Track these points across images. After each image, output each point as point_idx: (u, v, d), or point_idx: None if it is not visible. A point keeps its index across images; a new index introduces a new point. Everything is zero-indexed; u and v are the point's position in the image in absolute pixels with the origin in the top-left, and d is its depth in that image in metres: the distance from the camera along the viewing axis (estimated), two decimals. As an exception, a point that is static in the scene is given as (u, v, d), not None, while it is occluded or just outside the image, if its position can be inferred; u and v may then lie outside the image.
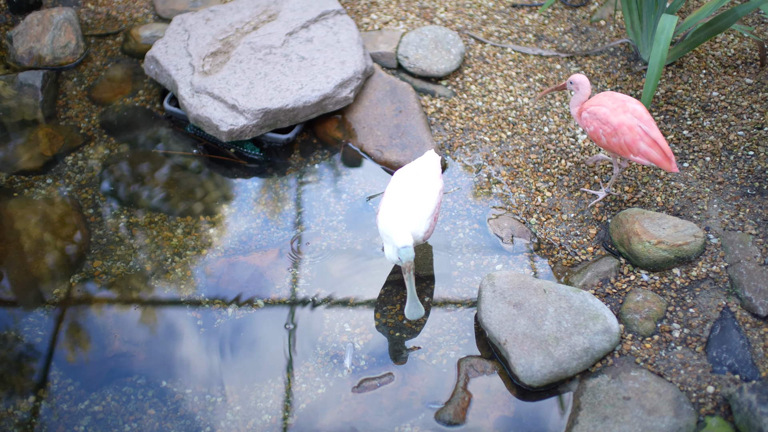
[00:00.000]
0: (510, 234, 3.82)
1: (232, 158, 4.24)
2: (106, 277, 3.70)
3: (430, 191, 3.38)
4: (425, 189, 3.38)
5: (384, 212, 3.32)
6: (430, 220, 3.36)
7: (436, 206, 3.40)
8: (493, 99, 4.41)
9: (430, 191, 3.38)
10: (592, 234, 3.78)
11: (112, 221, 3.93)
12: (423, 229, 3.35)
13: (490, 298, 3.39)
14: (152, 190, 4.08)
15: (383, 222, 3.29)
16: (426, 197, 3.36)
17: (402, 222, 3.27)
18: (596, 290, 3.55)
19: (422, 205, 3.35)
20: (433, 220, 3.39)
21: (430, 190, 3.39)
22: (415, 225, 3.31)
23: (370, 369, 3.37)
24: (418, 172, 3.44)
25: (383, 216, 3.31)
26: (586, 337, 3.24)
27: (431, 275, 3.68)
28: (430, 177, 3.43)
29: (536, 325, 3.28)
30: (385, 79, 4.42)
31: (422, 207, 3.35)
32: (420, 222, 3.33)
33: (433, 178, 3.43)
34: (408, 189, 3.38)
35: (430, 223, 3.36)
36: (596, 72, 4.53)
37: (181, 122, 4.40)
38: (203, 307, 3.58)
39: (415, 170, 3.46)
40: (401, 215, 3.28)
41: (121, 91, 4.57)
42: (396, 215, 3.28)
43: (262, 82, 4.19)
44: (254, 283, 3.66)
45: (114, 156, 4.24)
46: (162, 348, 3.45)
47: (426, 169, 3.46)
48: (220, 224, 3.91)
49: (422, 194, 3.36)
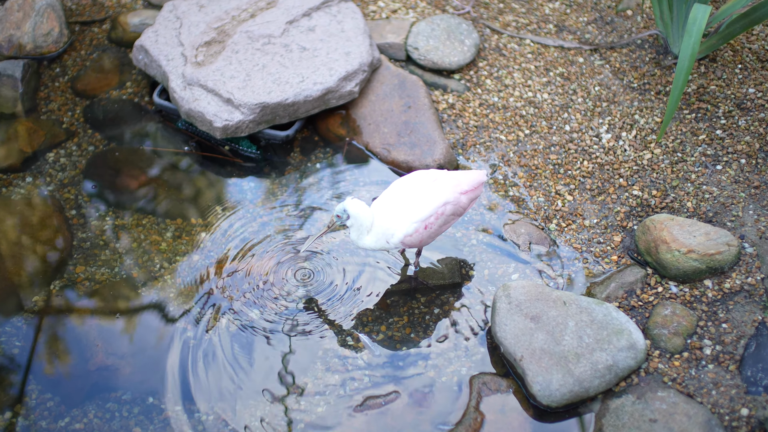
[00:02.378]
0: (527, 241, 3.81)
1: (227, 156, 4.24)
2: (89, 283, 3.70)
3: (434, 196, 3.35)
4: (429, 192, 3.35)
5: (377, 201, 3.37)
6: (417, 225, 3.33)
7: (434, 215, 3.35)
8: (509, 94, 4.41)
9: (433, 196, 3.35)
10: (616, 241, 3.78)
11: (96, 223, 3.94)
12: (404, 230, 3.32)
13: (505, 311, 3.38)
14: (140, 190, 4.08)
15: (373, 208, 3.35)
16: (425, 200, 3.34)
17: (382, 212, 3.29)
18: (621, 303, 3.54)
19: (414, 206, 3.33)
20: (423, 228, 3.35)
21: (434, 196, 3.35)
22: (394, 222, 3.30)
23: (374, 386, 3.37)
24: (438, 177, 3.41)
25: (375, 203, 3.37)
26: (610, 353, 3.24)
27: (441, 285, 3.68)
28: (444, 184, 3.38)
29: (555, 340, 3.27)
30: (393, 72, 4.42)
31: (413, 207, 3.33)
32: (402, 222, 3.31)
33: (447, 186, 3.38)
34: (411, 188, 3.38)
35: (416, 228, 3.33)
36: (622, 66, 4.52)
37: (172, 117, 4.40)
38: (194, 317, 3.58)
39: (437, 175, 3.43)
40: (387, 206, 3.30)
41: (108, 83, 4.58)
42: (382, 205, 3.31)
43: (260, 75, 4.20)
44: (250, 291, 3.67)
45: (99, 153, 4.24)
46: (149, 361, 3.45)
47: (449, 177, 3.42)
48: (214, 228, 3.91)
49: (422, 196, 3.34)
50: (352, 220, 3.34)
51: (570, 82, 4.46)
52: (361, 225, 3.35)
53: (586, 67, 4.54)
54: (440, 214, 3.37)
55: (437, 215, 3.36)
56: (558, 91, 4.42)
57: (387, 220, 3.34)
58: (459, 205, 3.42)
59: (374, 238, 3.40)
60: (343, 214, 3.35)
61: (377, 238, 3.39)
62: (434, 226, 3.38)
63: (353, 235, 3.41)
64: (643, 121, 4.24)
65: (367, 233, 3.38)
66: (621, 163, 4.06)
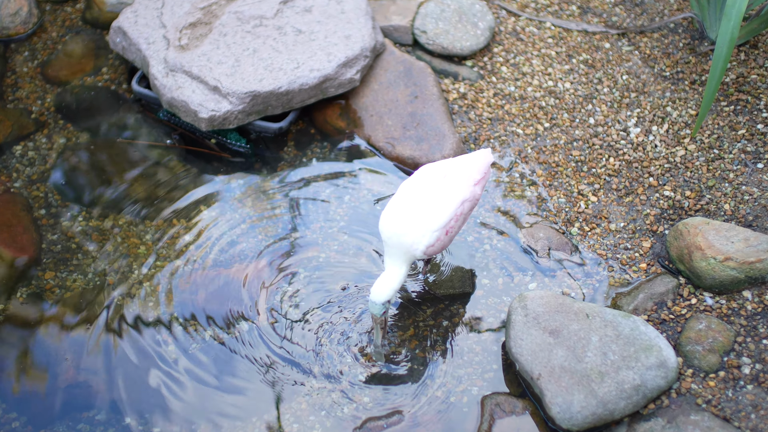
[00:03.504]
0: (546, 246, 3.81)
1: (213, 150, 4.25)
2: (59, 291, 3.71)
3: (450, 197, 3.32)
4: (443, 193, 3.32)
5: (387, 211, 3.32)
6: (438, 233, 3.30)
7: (453, 218, 3.33)
8: (528, 83, 4.41)
9: (449, 197, 3.32)
10: (645, 248, 3.78)
11: (68, 224, 3.94)
12: (425, 242, 3.29)
13: (522, 324, 3.38)
14: (117, 187, 4.09)
15: (382, 222, 3.32)
16: (441, 203, 3.31)
17: (397, 224, 3.28)
18: (650, 316, 3.54)
19: (432, 213, 3.30)
20: (444, 234, 3.32)
21: (450, 196, 3.32)
22: (413, 235, 3.26)
23: (375, 406, 3.37)
24: (447, 171, 3.38)
25: (384, 214, 3.33)
26: (637, 372, 3.23)
27: (450, 295, 3.68)
28: (457, 179, 3.36)
29: (577, 356, 3.27)
30: (398, 58, 4.43)
31: (431, 215, 3.30)
32: (422, 233, 3.27)
33: (461, 182, 3.36)
34: (421, 189, 3.34)
35: (437, 236, 3.31)
36: (653, 52, 4.52)
37: (153, 106, 4.41)
38: (176, 329, 3.59)
39: (445, 168, 3.40)
40: (401, 219, 3.26)
41: (81, 69, 4.59)
42: (397, 217, 3.27)
43: (251, 60, 4.20)
44: (238, 301, 3.67)
45: (72, 146, 4.25)
46: (126, 378, 3.45)
47: (459, 169, 3.39)
48: (198, 230, 3.92)
49: (436, 199, 3.31)
50: (392, 297, 3.33)
51: (595, 70, 4.46)
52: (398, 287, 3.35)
53: (612, 54, 4.54)
54: (459, 215, 3.36)
55: (456, 217, 3.35)
56: (581, 80, 4.42)
57: (405, 234, 3.29)
58: (475, 198, 3.43)
59: (403, 262, 3.33)
60: (385, 306, 3.33)
61: (404, 258, 3.32)
62: (455, 229, 3.38)
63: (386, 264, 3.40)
64: (676, 113, 4.23)
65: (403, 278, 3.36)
66: (651, 160, 4.06)
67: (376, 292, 3.31)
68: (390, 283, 3.32)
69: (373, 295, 3.31)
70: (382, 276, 3.34)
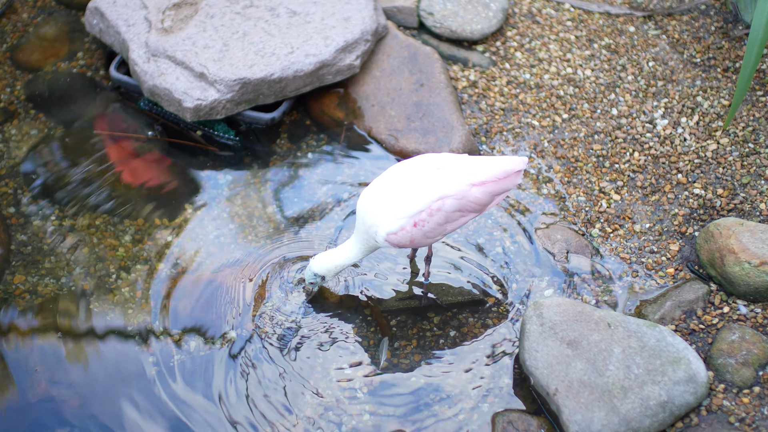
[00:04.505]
0: (564, 249, 3.81)
1: (199, 143, 4.25)
2: (30, 297, 3.71)
3: (429, 188, 3.31)
4: (424, 183, 3.31)
5: (367, 187, 3.41)
6: (403, 223, 3.28)
7: (426, 211, 3.28)
8: (544, 70, 4.41)
9: (427, 187, 3.31)
10: (673, 251, 3.78)
11: (39, 224, 3.95)
12: (387, 227, 3.31)
13: (537, 334, 3.38)
14: (93, 184, 4.09)
15: (361, 194, 3.43)
16: (416, 192, 3.31)
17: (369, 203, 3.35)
18: (677, 325, 3.54)
19: (403, 199, 3.30)
20: (412, 226, 3.28)
21: (429, 187, 3.31)
22: (376, 216, 3.31)
23: (375, 425, 3.37)
24: (444, 163, 3.37)
25: (364, 190, 3.43)
26: (664, 387, 3.23)
27: (459, 302, 3.68)
28: (448, 173, 3.33)
29: (597, 370, 3.27)
30: (402, 43, 4.43)
31: (401, 201, 3.30)
32: (385, 217, 3.29)
33: (450, 177, 3.32)
34: (405, 174, 3.35)
35: (402, 226, 3.28)
36: (682, 37, 4.52)
37: (133, 95, 4.41)
38: (157, 339, 3.59)
39: (444, 160, 3.39)
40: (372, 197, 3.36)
41: (55, 53, 4.59)
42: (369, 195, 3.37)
43: (240, 44, 4.20)
44: (225, 308, 3.67)
45: (44, 138, 4.25)
46: (103, 392, 3.45)
47: (458, 164, 3.37)
48: (182, 230, 3.92)
49: (414, 187, 3.30)
50: (330, 274, 3.55)
51: (618, 56, 4.46)
52: (342, 266, 3.54)
53: (637, 38, 4.54)
54: (435, 210, 3.32)
55: (431, 211, 3.32)
56: (603, 66, 4.42)
57: (372, 214, 3.33)
58: (468, 201, 3.34)
59: (360, 241, 3.46)
60: (317, 278, 3.56)
61: (362, 238, 3.43)
62: (428, 225, 3.33)
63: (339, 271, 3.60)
64: (707, 104, 4.24)
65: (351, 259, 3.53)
66: (680, 155, 4.06)
67: (316, 261, 3.51)
68: (335, 259, 3.50)
69: (312, 263, 3.51)
70: (334, 249, 3.53)
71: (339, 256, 3.50)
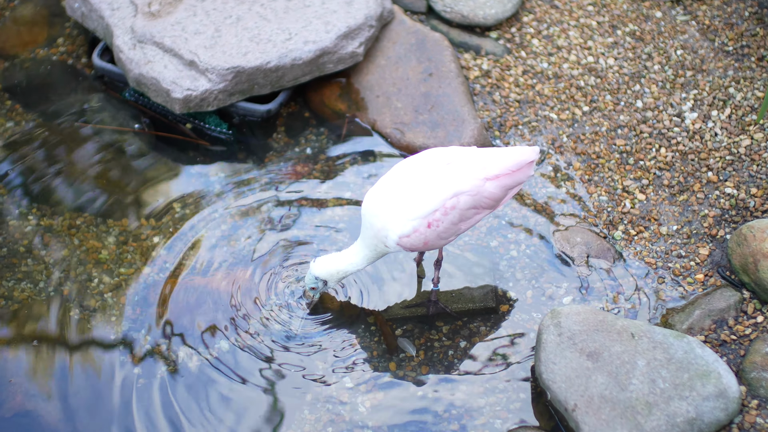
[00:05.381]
0: (584, 253, 3.81)
1: (189, 137, 4.25)
2: (5, 302, 3.72)
3: (441, 185, 3.32)
4: (436, 180, 3.31)
5: (372, 188, 3.40)
6: (416, 224, 3.28)
7: (441, 210, 3.29)
8: (563, 59, 4.41)
9: (440, 185, 3.32)
10: (703, 255, 3.77)
11: (16, 224, 3.95)
12: (399, 230, 3.32)
13: (555, 345, 3.38)
14: (75, 181, 4.10)
15: (365, 198, 3.41)
16: (429, 190, 3.32)
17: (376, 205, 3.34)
18: (707, 336, 3.54)
19: (414, 199, 3.30)
20: (426, 227, 3.30)
21: (442, 184, 3.32)
22: (386, 219, 3.29)
23: (379, 443, 3.39)
24: (453, 158, 3.38)
25: (369, 191, 3.41)
26: (692, 402, 3.23)
27: (470, 310, 3.68)
28: (460, 168, 3.34)
29: (620, 384, 3.27)
30: (409, 29, 4.43)
31: (413, 200, 3.30)
32: (397, 219, 3.28)
33: (463, 172, 3.33)
34: (414, 171, 3.35)
35: (415, 227, 3.29)
36: (713, 23, 4.52)
37: (118, 84, 4.42)
38: (143, 349, 3.59)
39: (453, 154, 3.39)
40: (380, 199, 3.35)
41: (33, 40, 4.59)
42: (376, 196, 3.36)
43: (234, 30, 4.21)
44: (217, 316, 3.67)
45: (21, 131, 4.26)
46: (83, 406, 3.46)
47: (469, 158, 3.38)
48: (170, 231, 3.92)
49: (426, 185, 3.30)
50: (333, 279, 3.53)
51: (644, 44, 4.46)
52: (346, 272, 3.52)
53: (665, 24, 4.53)
54: (450, 208, 3.33)
55: (445, 210, 3.33)
56: (627, 55, 4.42)
57: (381, 217, 3.32)
58: (482, 196, 3.36)
59: (366, 247, 3.44)
60: (318, 283, 3.53)
61: (370, 243, 3.42)
62: (443, 224, 3.34)
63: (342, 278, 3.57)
64: (739, 96, 4.23)
65: (356, 265, 3.51)
66: (710, 151, 4.06)
67: (317, 264, 3.49)
68: (338, 264, 3.48)
69: (312, 265, 3.49)
70: (337, 252, 3.50)
71: (343, 262, 3.49)
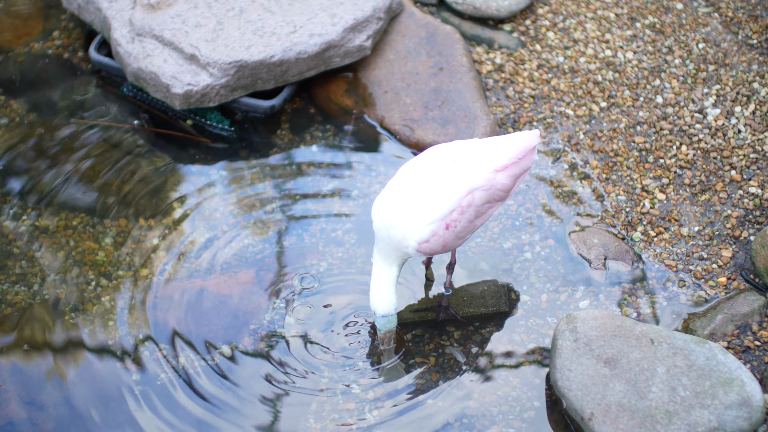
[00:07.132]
0: (601, 255, 3.80)
1: (190, 134, 4.25)
2: (-2, 306, 3.73)
3: (454, 184, 3.31)
4: (447, 179, 3.31)
5: (380, 197, 3.36)
6: (434, 227, 3.27)
7: (457, 210, 3.29)
8: (580, 53, 4.41)
9: (453, 184, 3.31)
10: (725, 257, 3.76)
11: (9, 225, 3.96)
12: (417, 237, 3.30)
13: (571, 351, 3.38)
14: (71, 179, 4.10)
15: (373, 210, 3.38)
16: (441, 191, 3.31)
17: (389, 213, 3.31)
18: (730, 342, 3.53)
19: (428, 202, 3.29)
20: (444, 229, 3.29)
21: (455, 183, 3.31)
22: (404, 228, 3.27)
23: (388, 453, 3.38)
24: (460, 153, 3.37)
25: (377, 201, 3.38)
26: (714, 411, 3.22)
27: (482, 314, 3.68)
28: (469, 163, 3.34)
29: (638, 392, 3.26)
30: (419, 21, 4.43)
31: (427, 204, 3.29)
32: (414, 226, 3.27)
33: (473, 167, 3.33)
34: (422, 173, 3.34)
35: (433, 231, 3.28)
36: (736, 15, 4.51)
37: (116, 79, 4.42)
38: (141, 354, 3.59)
39: (459, 149, 3.39)
40: (393, 208, 3.32)
41: (28, 33, 4.60)
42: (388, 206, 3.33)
43: (236, 22, 4.21)
44: (218, 320, 3.67)
45: (15, 128, 4.26)
46: (78, 414, 3.46)
47: (475, 151, 3.38)
48: (170, 232, 3.93)
49: (437, 185, 3.30)
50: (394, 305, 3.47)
51: (664, 37, 4.45)
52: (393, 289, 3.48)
53: (686, 16, 4.53)
54: (466, 206, 3.33)
55: (462, 209, 3.33)
56: (647, 48, 4.41)
57: (400, 228, 3.30)
58: (495, 189, 3.36)
59: (390, 260, 3.41)
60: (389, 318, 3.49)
61: (394, 256, 3.39)
62: (461, 224, 3.34)
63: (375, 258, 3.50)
64: (764, 91, 4.22)
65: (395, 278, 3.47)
66: (733, 149, 4.05)
67: (378, 304, 3.43)
68: (384, 290, 3.43)
69: (377, 309, 3.44)
70: (373, 283, 3.44)
71: (385, 285, 3.45)
